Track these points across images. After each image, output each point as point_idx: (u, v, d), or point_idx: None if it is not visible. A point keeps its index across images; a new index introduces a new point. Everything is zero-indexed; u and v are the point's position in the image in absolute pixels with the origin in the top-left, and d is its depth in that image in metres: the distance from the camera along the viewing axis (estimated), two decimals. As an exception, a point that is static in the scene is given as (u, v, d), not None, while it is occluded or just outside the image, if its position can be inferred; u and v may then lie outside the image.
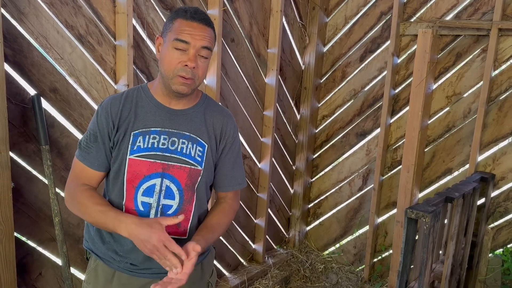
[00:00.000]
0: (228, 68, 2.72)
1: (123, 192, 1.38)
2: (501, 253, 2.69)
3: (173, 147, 1.39)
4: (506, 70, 2.61)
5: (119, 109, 1.37)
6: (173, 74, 1.32)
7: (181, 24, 1.31)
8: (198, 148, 1.42)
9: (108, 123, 1.37)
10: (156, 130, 1.38)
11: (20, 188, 1.85)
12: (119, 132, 1.37)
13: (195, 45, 1.31)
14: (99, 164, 1.39)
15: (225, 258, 3.02)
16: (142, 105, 1.40)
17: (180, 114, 1.42)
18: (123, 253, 1.40)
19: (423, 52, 2.65)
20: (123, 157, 1.36)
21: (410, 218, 1.95)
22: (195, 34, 1.31)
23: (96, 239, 1.44)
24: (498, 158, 2.68)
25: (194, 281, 1.50)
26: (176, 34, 1.31)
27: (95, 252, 1.45)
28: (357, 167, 3.34)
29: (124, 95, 1.41)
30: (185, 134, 1.41)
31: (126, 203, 1.38)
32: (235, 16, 2.70)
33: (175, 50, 1.31)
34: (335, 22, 3.32)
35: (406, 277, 2.05)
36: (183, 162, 1.39)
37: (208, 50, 1.34)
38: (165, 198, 1.39)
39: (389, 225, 3.18)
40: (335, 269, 3.40)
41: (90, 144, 1.39)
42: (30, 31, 1.79)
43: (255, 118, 3.03)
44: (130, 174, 1.36)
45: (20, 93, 1.80)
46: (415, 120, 2.75)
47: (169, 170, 1.38)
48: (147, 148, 1.37)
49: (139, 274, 1.42)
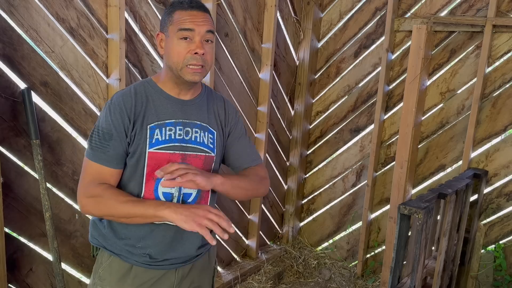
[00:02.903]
0: (222, 63, 2.70)
1: (141, 185, 1.39)
2: (493, 249, 2.70)
3: (188, 137, 1.43)
4: (500, 67, 2.61)
5: (133, 104, 1.38)
6: (183, 65, 1.35)
7: (181, 15, 1.35)
8: (209, 136, 1.48)
9: (123, 119, 1.36)
10: (170, 122, 1.41)
11: (10, 183, 1.82)
12: (135, 127, 1.38)
13: (200, 31, 1.34)
14: (118, 161, 1.38)
15: (218, 253, 3.01)
16: (153, 99, 1.42)
17: (190, 104, 1.46)
18: (142, 245, 1.41)
19: (418, 48, 2.65)
20: (142, 151, 1.37)
21: (403, 214, 1.95)
22: (197, 21, 1.34)
23: (110, 235, 1.43)
24: (491, 154, 2.69)
25: (203, 268, 1.56)
26: (179, 24, 1.34)
27: (109, 249, 1.43)
28: (350, 163, 3.34)
29: (133, 91, 1.41)
30: (196, 123, 1.45)
31: (145, 195, 1.39)
32: (229, 10, 2.68)
33: (181, 41, 1.34)
34: (329, 18, 3.31)
35: (398, 273, 2.05)
36: (199, 151, 1.44)
37: (212, 34, 1.38)
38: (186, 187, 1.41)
39: (382, 221, 3.18)
40: (328, 264, 3.40)
41: (105, 143, 1.36)
42: (20, 24, 1.76)
43: (249, 113, 3.02)
44: (150, 167, 1.38)
45: (10, 87, 1.77)
46: (409, 116, 2.75)
47: (186, 160, 1.42)
48: (165, 140, 1.39)
49: (157, 266, 1.43)
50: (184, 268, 1.49)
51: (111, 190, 1.34)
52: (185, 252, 1.46)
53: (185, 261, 1.48)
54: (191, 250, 1.48)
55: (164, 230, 1.42)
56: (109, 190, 1.34)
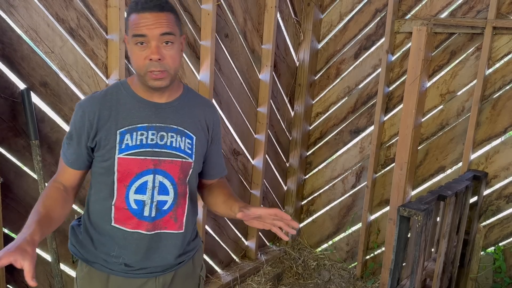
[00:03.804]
0: (221, 63, 2.70)
1: (113, 192, 1.35)
2: (492, 251, 2.70)
3: (162, 142, 1.36)
4: (500, 69, 2.61)
5: (98, 109, 1.33)
6: (144, 71, 1.28)
7: (134, 19, 1.26)
8: (187, 141, 1.40)
9: (84, 124, 1.33)
10: (143, 126, 1.35)
11: (9, 183, 1.82)
12: (101, 132, 1.33)
13: (153, 35, 1.24)
14: (73, 161, 1.36)
15: (217, 254, 3.00)
16: (124, 102, 1.36)
17: (166, 107, 1.39)
18: (117, 254, 1.38)
19: (418, 49, 2.65)
20: (112, 156, 1.32)
21: (402, 216, 1.95)
22: (149, 25, 1.24)
23: (86, 242, 1.41)
24: (491, 156, 2.69)
25: (187, 276, 1.51)
26: (132, 30, 1.26)
27: (85, 257, 1.41)
28: (350, 165, 3.33)
29: (103, 94, 1.37)
30: (172, 127, 1.38)
31: (116, 203, 1.35)
32: (229, 11, 2.68)
33: (137, 47, 1.26)
34: (330, 19, 3.31)
35: (398, 275, 2.05)
36: (174, 156, 1.37)
37: (170, 35, 1.27)
38: (160, 194, 1.37)
39: (382, 223, 3.18)
40: (327, 266, 3.40)
41: (67, 141, 1.37)
42: (19, 24, 1.76)
43: (249, 114, 3.01)
44: (120, 173, 1.33)
45: (10, 87, 1.77)
46: (408, 118, 2.75)
47: (160, 166, 1.35)
48: (136, 146, 1.33)
49: (135, 275, 1.40)
50: (165, 276, 1.44)
51: (47, 191, 1.32)
52: (162, 261, 1.41)
53: (165, 270, 1.43)
54: (168, 258, 1.42)
55: (137, 239, 1.37)
56: (47, 190, 1.33)
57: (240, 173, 3.04)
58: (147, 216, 1.36)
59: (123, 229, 1.36)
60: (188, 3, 2.40)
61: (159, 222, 1.38)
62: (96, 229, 1.40)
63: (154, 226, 1.38)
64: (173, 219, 1.41)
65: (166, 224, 1.40)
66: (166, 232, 1.40)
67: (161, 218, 1.38)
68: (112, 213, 1.36)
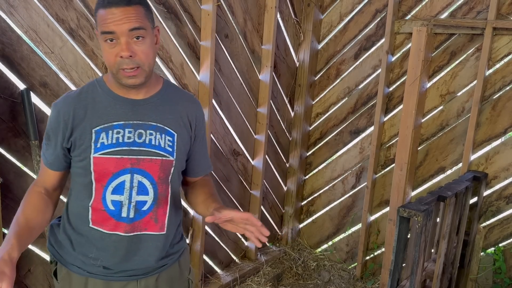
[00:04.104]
0: (221, 64, 2.69)
1: (91, 192, 1.31)
2: (492, 252, 2.70)
3: (141, 140, 1.31)
4: (500, 69, 2.61)
5: (72, 109, 1.29)
6: (116, 69, 1.23)
7: (102, 15, 1.20)
8: (167, 138, 1.35)
9: (59, 124, 1.30)
10: (119, 124, 1.30)
11: (9, 183, 1.82)
12: (77, 132, 1.29)
13: (122, 31, 1.19)
14: (52, 163, 1.34)
15: (217, 255, 3.00)
16: (99, 100, 1.31)
17: (143, 104, 1.33)
18: (95, 256, 1.34)
19: (418, 50, 2.65)
20: (87, 156, 1.29)
21: (402, 217, 1.95)
22: (117, 20, 1.18)
23: (65, 242, 1.38)
24: (491, 157, 2.69)
25: (173, 279, 1.47)
26: (101, 26, 1.21)
27: (64, 258, 1.38)
28: (350, 165, 3.33)
29: (78, 92, 1.33)
30: (151, 124, 1.33)
31: (93, 204, 1.32)
32: (229, 11, 2.68)
33: (107, 44, 1.21)
34: (330, 19, 3.31)
35: (398, 276, 2.05)
36: (154, 155, 1.32)
37: (140, 30, 1.21)
38: (139, 194, 1.32)
39: (382, 223, 3.18)
40: (327, 266, 3.39)
41: (46, 142, 1.35)
42: (19, 24, 1.76)
43: (249, 115, 3.01)
44: (97, 173, 1.29)
45: (9, 87, 1.77)
46: (408, 119, 2.74)
47: (139, 165, 1.30)
48: (112, 144, 1.29)
49: (114, 278, 1.36)
50: (148, 279, 1.40)
51: (28, 198, 1.31)
52: (143, 263, 1.37)
53: (146, 273, 1.39)
54: (149, 261, 1.37)
55: (116, 241, 1.33)
56: (28, 196, 1.32)
57: (240, 173, 3.04)
58: (125, 217, 1.32)
59: (101, 231, 1.33)
60: (188, 4, 2.41)
61: (138, 223, 1.34)
62: (74, 229, 1.36)
63: (133, 227, 1.33)
64: (153, 220, 1.36)
65: (146, 225, 1.35)
66: (147, 233, 1.36)
67: (140, 219, 1.34)
68: (90, 214, 1.33)
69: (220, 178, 2.87)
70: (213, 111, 2.65)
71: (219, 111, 2.75)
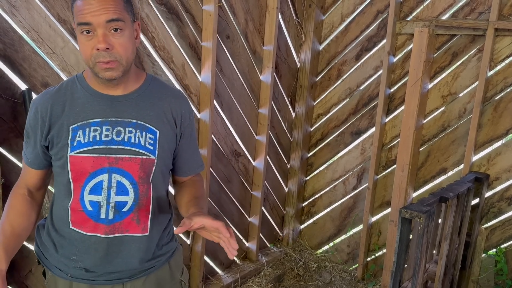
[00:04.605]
0: (223, 65, 2.69)
1: (70, 192, 1.28)
2: (494, 254, 2.69)
3: (119, 138, 1.26)
4: (502, 71, 2.61)
5: (50, 105, 1.26)
6: (93, 62, 1.18)
7: (79, 5, 1.15)
8: (149, 136, 1.29)
9: (37, 121, 1.27)
10: (96, 121, 1.25)
11: (10, 184, 1.81)
12: (54, 129, 1.26)
13: (99, 22, 1.14)
14: (32, 161, 1.32)
15: (218, 256, 3.00)
16: (78, 96, 1.27)
17: (122, 100, 1.28)
18: (77, 258, 1.31)
19: (419, 51, 2.64)
20: (64, 155, 1.25)
21: (404, 218, 1.94)
22: (94, 11, 1.13)
23: (48, 245, 1.35)
24: (493, 158, 2.68)
25: (164, 281, 1.43)
26: (77, 18, 1.16)
27: (49, 260, 1.35)
28: (351, 166, 3.33)
29: (56, 89, 1.30)
30: (131, 121, 1.27)
31: (72, 204, 1.28)
32: (230, 12, 2.67)
33: (83, 36, 1.16)
34: (331, 20, 3.30)
35: (399, 277, 2.04)
36: (133, 153, 1.27)
37: (118, 22, 1.17)
38: (118, 195, 1.27)
39: (383, 224, 3.17)
40: (328, 268, 3.39)
41: (26, 139, 1.33)
42: (21, 25, 1.76)
43: (250, 115, 3.01)
44: (74, 172, 1.25)
45: (11, 88, 1.77)
46: (410, 120, 2.74)
47: (117, 164, 1.25)
48: (89, 143, 1.24)
49: (98, 281, 1.33)
50: (133, 282, 1.36)
51: (9, 207, 1.30)
52: (126, 265, 1.33)
53: (132, 275, 1.35)
54: (132, 263, 1.33)
55: (95, 243, 1.29)
56: (9, 206, 1.30)
57: (241, 174, 3.04)
58: (103, 218, 1.28)
59: (81, 232, 1.29)
60: (189, 4, 2.40)
61: (119, 225, 1.30)
62: (57, 231, 1.33)
63: (112, 229, 1.29)
64: (135, 221, 1.31)
65: (127, 226, 1.31)
66: (129, 235, 1.31)
67: (121, 220, 1.29)
68: (69, 215, 1.29)
69: (221, 179, 2.87)
70: (215, 112, 2.64)
71: (220, 112, 2.75)
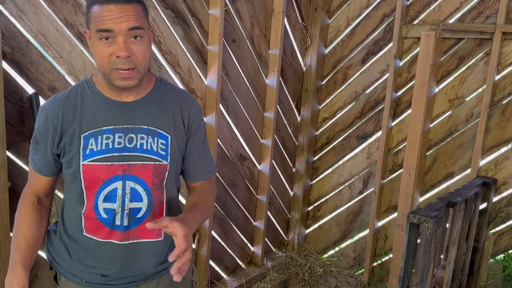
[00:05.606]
0: (229, 68, 2.69)
1: (83, 200, 1.27)
2: (502, 259, 2.67)
3: (131, 145, 1.25)
4: (509, 74, 2.59)
5: (61, 112, 1.24)
6: (109, 69, 1.17)
7: (98, 12, 1.13)
8: (160, 141, 1.28)
9: (48, 128, 1.24)
10: (108, 128, 1.24)
11: (17, 188, 1.81)
12: (66, 136, 1.24)
13: (120, 30, 1.13)
14: (41, 168, 1.30)
15: (223, 260, 2.99)
16: (88, 103, 1.25)
17: (134, 106, 1.27)
18: (92, 264, 1.31)
19: (426, 55, 2.63)
20: (77, 163, 1.24)
21: (412, 223, 1.93)
22: (116, 18, 1.12)
23: (61, 250, 1.35)
24: (500, 163, 2.66)
25: (176, 283, 1.40)
26: (96, 24, 1.14)
27: (62, 266, 1.35)
28: (357, 170, 3.31)
29: (66, 94, 1.27)
30: (142, 128, 1.26)
31: (85, 212, 1.27)
32: (236, 16, 2.67)
33: (102, 42, 1.15)
34: (337, 24, 3.30)
35: (407, 282, 2.02)
36: (146, 159, 1.26)
37: (139, 30, 1.16)
38: (132, 201, 1.27)
39: (389, 229, 3.15)
40: (334, 272, 3.37)
41: (34, 147, 1.31)
42: (29, 29, 1.76)
43: (256, 119, 3.01)
44: (87, 181, 1.24)
45: (18, 92, 1.77)
46: (416, 124, 2.73)
47: (131, 171, 1.25)
48: (102, 151, 1.23)
49: (114, 286, 1.33)
50: (148, 284, 1.37)
51: (20, 219, 1.29)
52: (141, 270, 1.34)
53: (146, 278, 1.36)
54: (147, 268, 1.35)
55: (110, 250, 1.29)
56: (19, 217, 1.29)
57: (246, 178, 3.03)
58: (119, 225, 1.28)
59: (95, 239, 1.29)
60: (196, 8, 2.41)
61: (134, 231, 1.30)
62: (70, 237, 1.33)
63: (127, 235, 1.29)
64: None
65: (142, 232, 1.31)
66: (144, 241, 1.32)
67: (135, 226, 1.30)
68: (83, 222, 1.29)
69: (227, 183, 2.86)
70: (220, 116, 2.64)
71: (226, 116, 2.74)
